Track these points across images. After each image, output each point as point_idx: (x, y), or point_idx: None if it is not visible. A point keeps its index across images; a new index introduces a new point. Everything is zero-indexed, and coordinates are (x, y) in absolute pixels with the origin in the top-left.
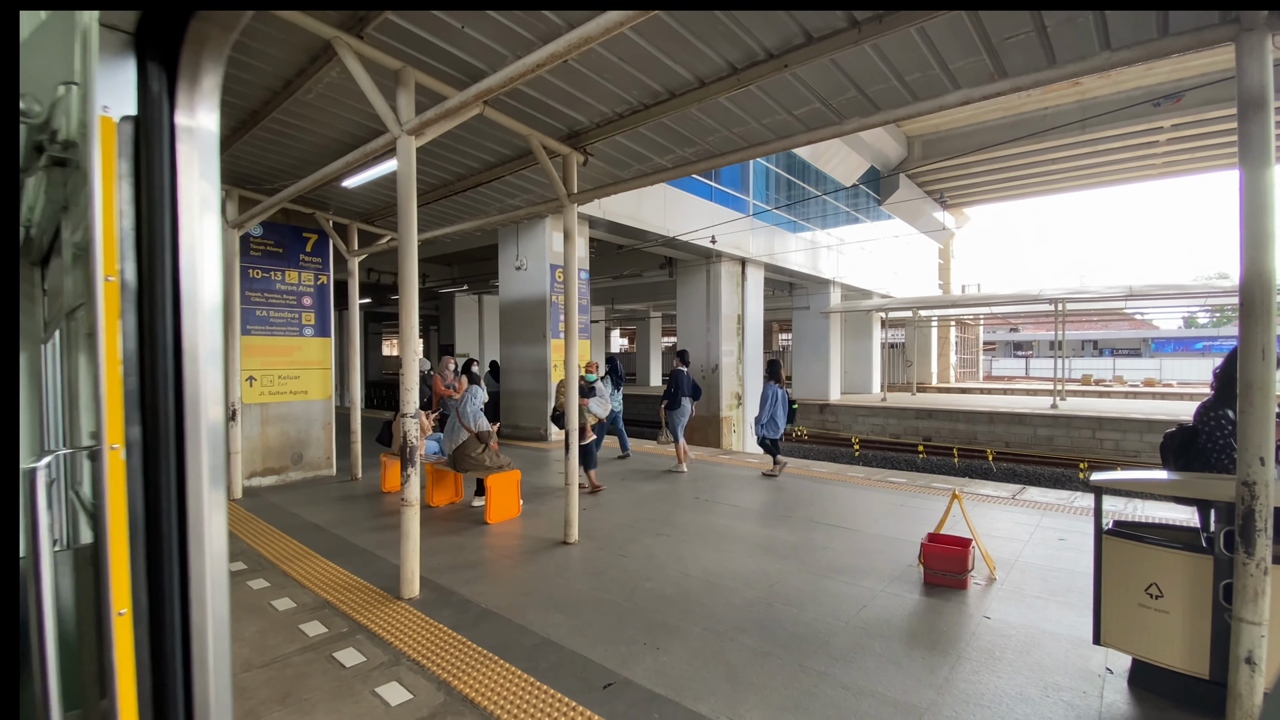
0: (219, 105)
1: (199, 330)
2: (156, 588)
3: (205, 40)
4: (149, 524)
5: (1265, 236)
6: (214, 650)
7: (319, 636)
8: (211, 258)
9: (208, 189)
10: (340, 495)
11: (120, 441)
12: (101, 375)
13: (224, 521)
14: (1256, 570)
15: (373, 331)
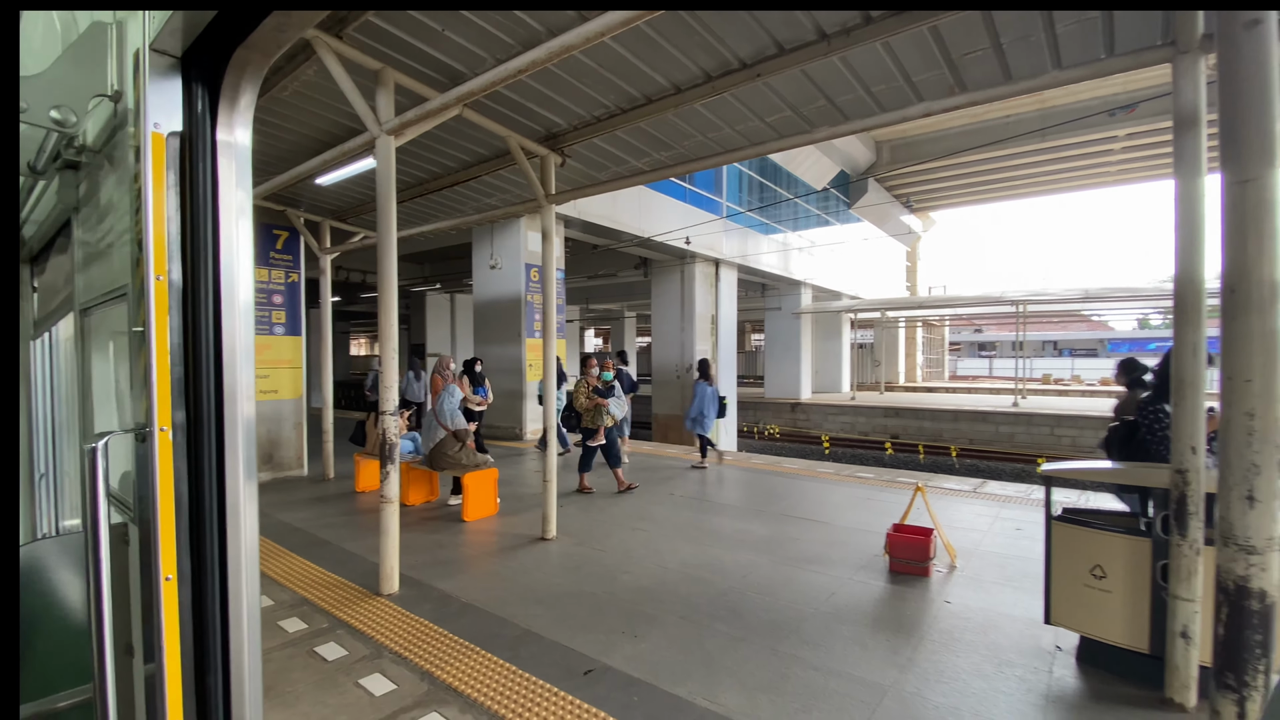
0: (252, 122)
1: (237, 327)
2: (199, 557)
3: (246, 65)
4: (192, 500)
5: (1197, 244)
6: (248, 614)
7: (299, 632)
8: (246, 260)
9: (243, 198)
10: (313, 495)
11: (169, 424)
12: (153, 365)
13: (255, 505)
14: (1189, 551)
15: (340, 330)
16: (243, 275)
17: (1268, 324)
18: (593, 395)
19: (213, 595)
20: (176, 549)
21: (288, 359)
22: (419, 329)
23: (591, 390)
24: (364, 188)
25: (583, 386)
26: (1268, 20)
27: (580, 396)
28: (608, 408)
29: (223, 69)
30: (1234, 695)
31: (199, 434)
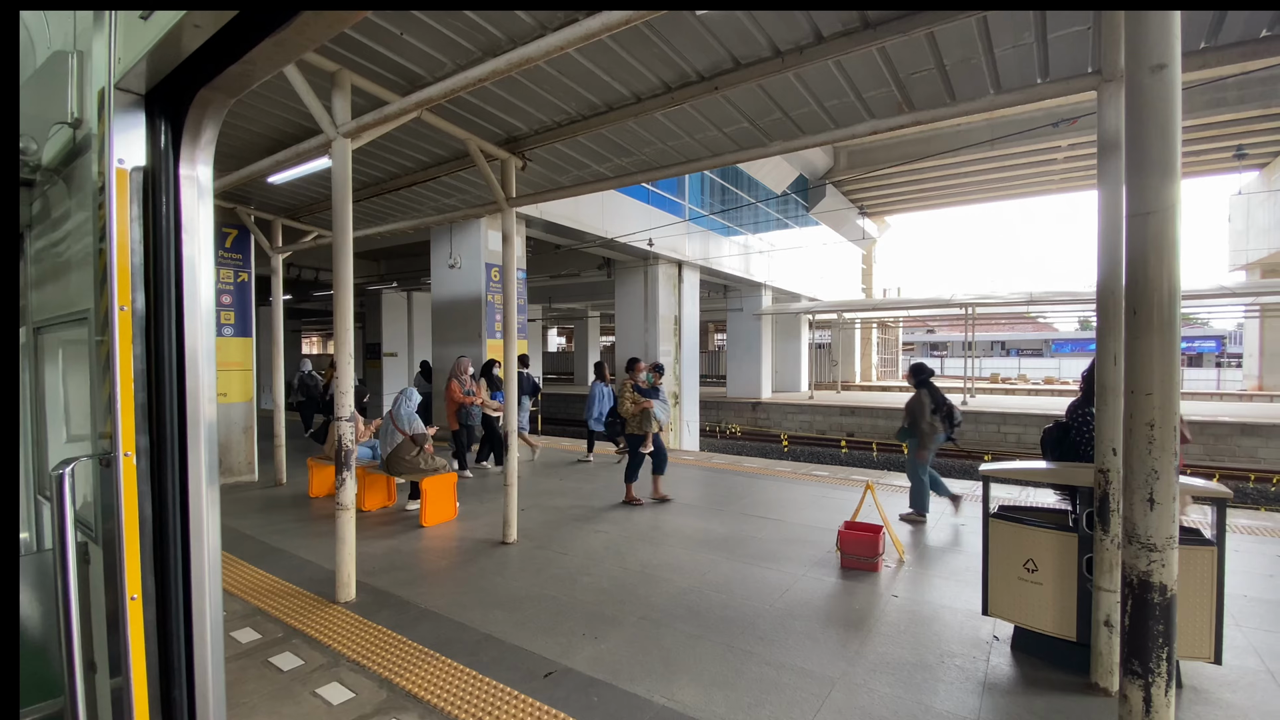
0: (214, 157)
1: (199, 353)
2: (163, 576)
3: (209, 104)
4: (156, 521)
5: (1117, 259)
6: (211, 629)
7: (252, 643)
8: (207, 289)
9: (205, 229)
10: (265, 501)
11: (133, 449)
12: (117, 391)
13: (218, 525)
14: (1111, 545)
15: (291, 329)
16: (204, 303)
17: (1166, 343)
18: (638, 399)
19: (177, 612)
20: (141, 569)
21: (237, 361)
22: (374, 328)
23: (634, 389)
24: (318, 186)
25: (628, 390)
26: (1172, 66)
27: (626, 401)
28: (653, 410)
29: (186, 106)
30: (1140, 681)
31: (163, 458)
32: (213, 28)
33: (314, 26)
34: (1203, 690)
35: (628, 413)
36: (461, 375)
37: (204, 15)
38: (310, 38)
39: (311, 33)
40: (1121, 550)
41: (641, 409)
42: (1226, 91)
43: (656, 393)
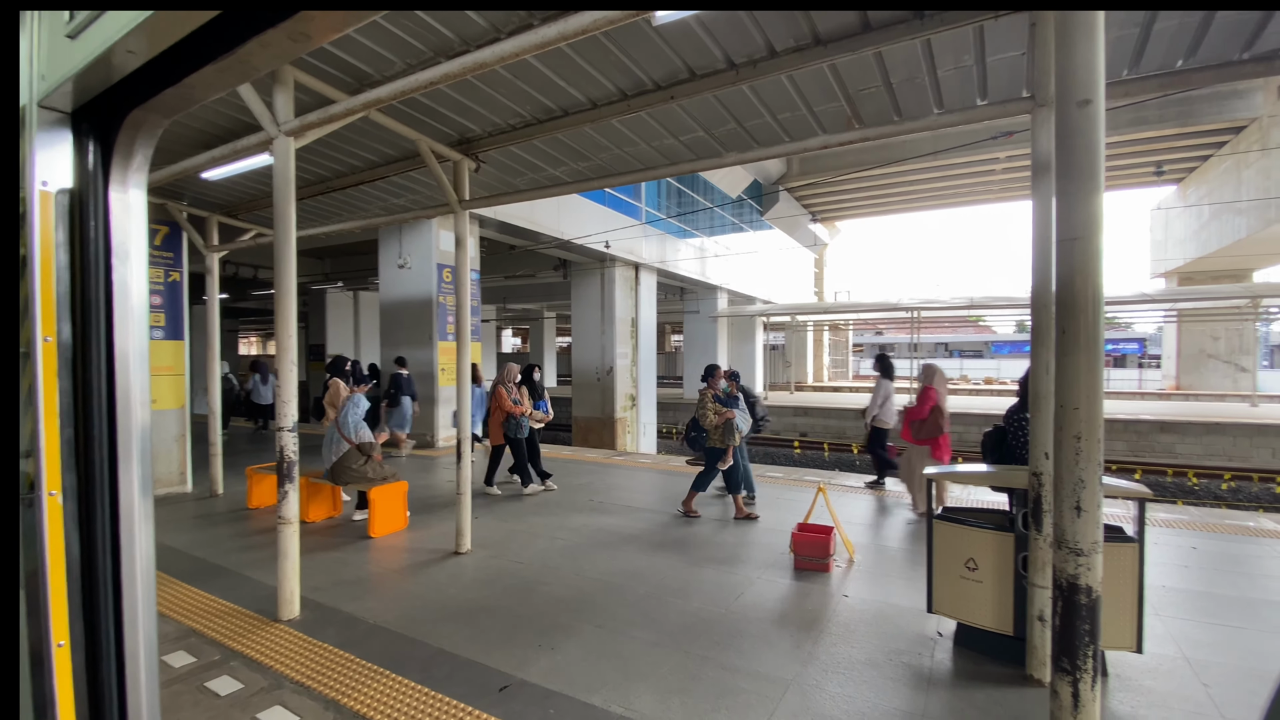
0: (146, 178)
1: (131, 385)
2: (92, 621)
3: (143, 124)
4: (84, 564)
5: (1047, 271)
6: (146, 675)
7: (186, 667)
8: (140, 316)
9: (138, 254)
10: (199, 514)
11: (58, 488)
12: (40, 428)
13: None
14: (1044, 544)
15: (227, 329)
16: (136, 332)
17: (1092, 361)
18: (720, 409)
19: (108, 658)
20: (69, 614)
21: (168, 365)
22: (318, 329)
23: (714, 399)
24: (257, 183)
25: (709, 400)
26: (1096, 101)
27: (709, 413)
28: (734, 421)
29: (117, 126)
30: (1069, 677)
31: (91, 496)
32: (148, 54)
33: (258, 56)
34: (1126, 678)
35: (710, 424)
36: (509, 382)
37: (139, 40)
38: (255, 65)
39: (257, 61)
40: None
41: (725, 420)
42: (1148, 111)
43: (735, 401)
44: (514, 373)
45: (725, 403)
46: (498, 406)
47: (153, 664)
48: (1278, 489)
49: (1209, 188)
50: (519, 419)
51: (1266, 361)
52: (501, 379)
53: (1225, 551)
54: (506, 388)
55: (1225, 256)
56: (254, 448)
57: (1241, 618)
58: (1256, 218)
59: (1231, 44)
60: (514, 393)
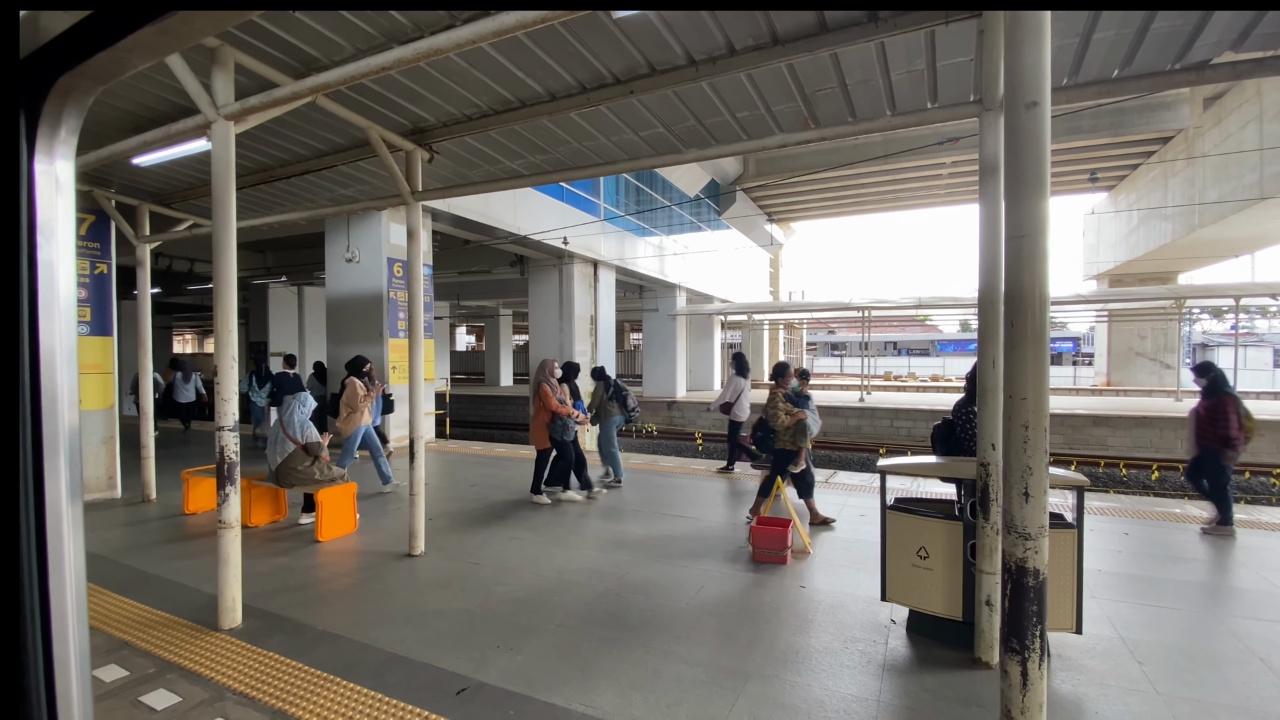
0: (75, 150)
1: (57, 375)
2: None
3: (71, 91)
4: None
5: (996, 271)
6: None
7: (118, 681)
8: (68, 304)
9: (66, 231)
10: (130, 520)
11: None
12: None
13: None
14: (991, 531)
15: (160, 325)
16: (64, 322)
17: (1039, 353)
18: (792, 410)
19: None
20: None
21: (95, 363)
22: (259, 326)
23: (785, 399)
24: (193, 170)
25: (779, 400)
26: (1043, 103)
27: (780, 413)
28: (806, 421)
29: (45, 92)
30: (1018, 656)
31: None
32: (80, 12)
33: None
34: (1067, 658)
35: (782, 425)
36: (550, 378)
37: None
38: (199, 27)
39: (201, 23)
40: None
41: (796, 421)
42: (1082, 120)
43: (807, 401)
44: (553, 368)
45: (796, 402)
46: (542, 407)
47: (85, 679)
48: (1154, 476)
49: (1138, 194)
50: (565, 420)
51: (1189, 359)
52: (544, 376)
53: (1154, 537)
54: (551, 385)
55: (1152, 260)
56: (187, 450)
57: (1170, 599)
58: (1181, 223)
59: (1164, 55)
60: (559, 391)
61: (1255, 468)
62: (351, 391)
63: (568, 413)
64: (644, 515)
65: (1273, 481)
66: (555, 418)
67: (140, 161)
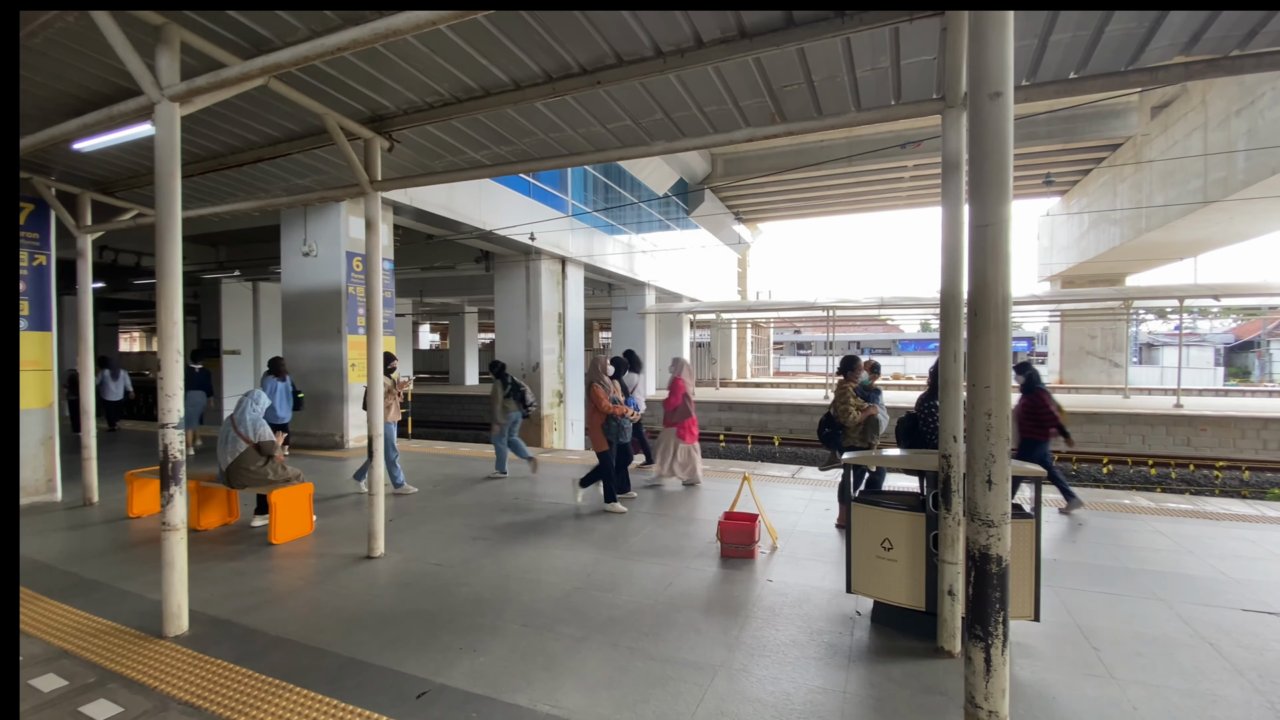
0: None
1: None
2: None
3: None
4: None
5: (958, 267)
6: None
7: (57, 691)
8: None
9: None
10: (70, 524)
11: None
12: None
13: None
14: (953, 522)
15: (106, 322)
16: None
17: (1001, 341)
18: (863, 405)
19: None
20: None
21: (34, 359)
22: (211, 322)
23: (856, 394)
24: (137, 156)
25: (850, 395)
26: (1006, 94)
27: (850, 408)
28: (876, 416)
29: None
30: (982, 643)
31: None
32: None
33: None
34: (1026, 645)
35: (853, 422)
36: (603, 375)
37: None
38: None
39: None
40: (964, 526)
41: (867, 416)
42: (1037, 126)
43: (877, 395)
44: (605, 364)
45: (867, 397)
46: (596, 408)
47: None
48: (1150, 472)
49: (1089, 199)
50: (620, 420)
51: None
52: (596, 375)
53: (1106, 527)
54: (604, 384)
55: (1103, 262)
56: (132, 451)
57: (1122, 585)
58: (1130, 227)
59: (1119, 56)
60: (612, 390)
61: (1200, 461)
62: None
63: (622, 412)
64: (610, 513)
65: (1216, 474)
66: (610, 418)
67: (81, 146)
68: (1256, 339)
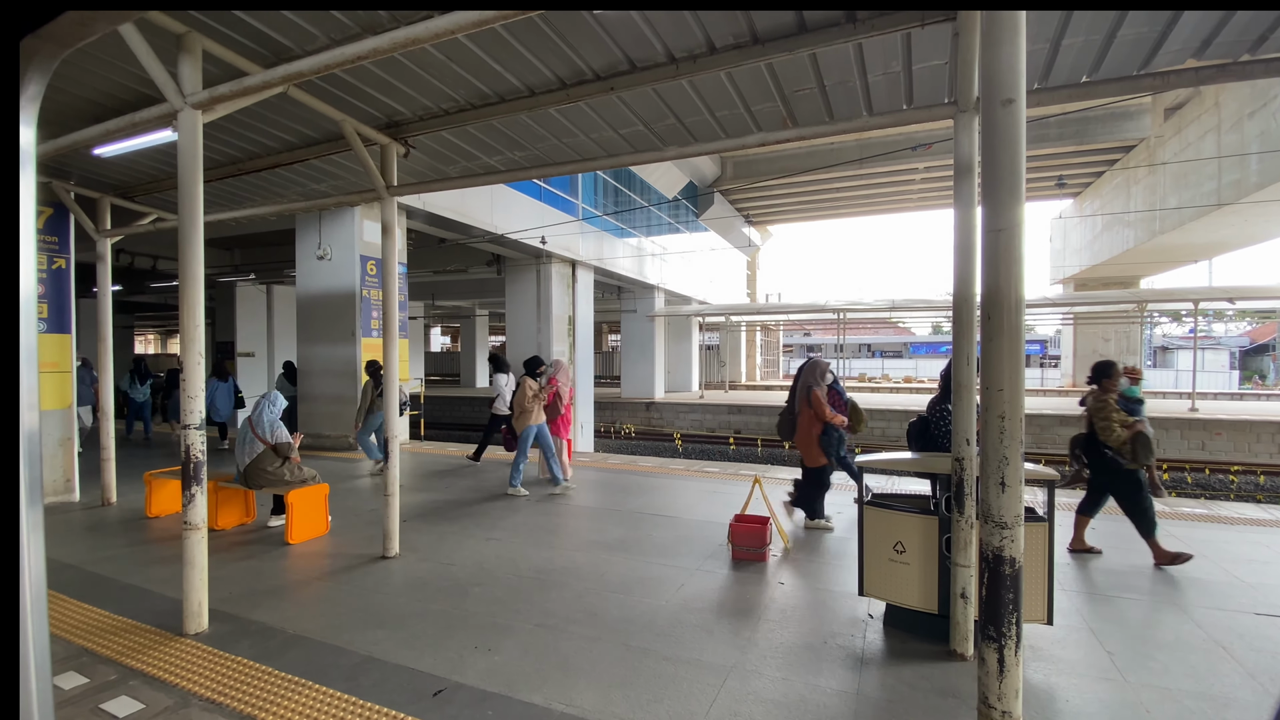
0: (37, 117)
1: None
2: None
3: (35, 56)
4: None
5: (971, 270)
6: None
7: (78, 689)
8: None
9: (28, 207)
10: (90, 524)
11: None
12: None
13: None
14: (966, 525)
15: (122, 325)
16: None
17: (1014, 345)
18: (1127, 419)
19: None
20: None
21: (52, 361)
22: (226, 324)
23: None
24: (157, 161)
25: (1112, 409)
26: (1019, 100)
27: (1113, 424)
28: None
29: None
30: (995, 644)
31: None
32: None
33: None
34: (1039, 649)
35: (1118, 440)
36: (823, 383)
37: None
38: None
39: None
40: (977, 529)
41: (1136, 433)
42: (1049, 129)
43: (1140, 406)
44: (827, 372)
45: (1130, 410)
46: (814, 416)
47: (46, 688)
48: (1164, 476)
49: (1102, 201)
50: (841, 432)
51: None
52: (814, 379)
53: (1117, 531)
54: (823, 391)
55: (1115, 265)
56: (147, 453)
57: (1136, 589)
58: (1143, 229)
59: (1130, 60)
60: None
61: (1215, 465)
62: (523, 391)
63: (842, 421)
64: (622, 515)
65: (1231, 479)
66: (829, 429)
67: (102, 152)
68: (1272, 342)
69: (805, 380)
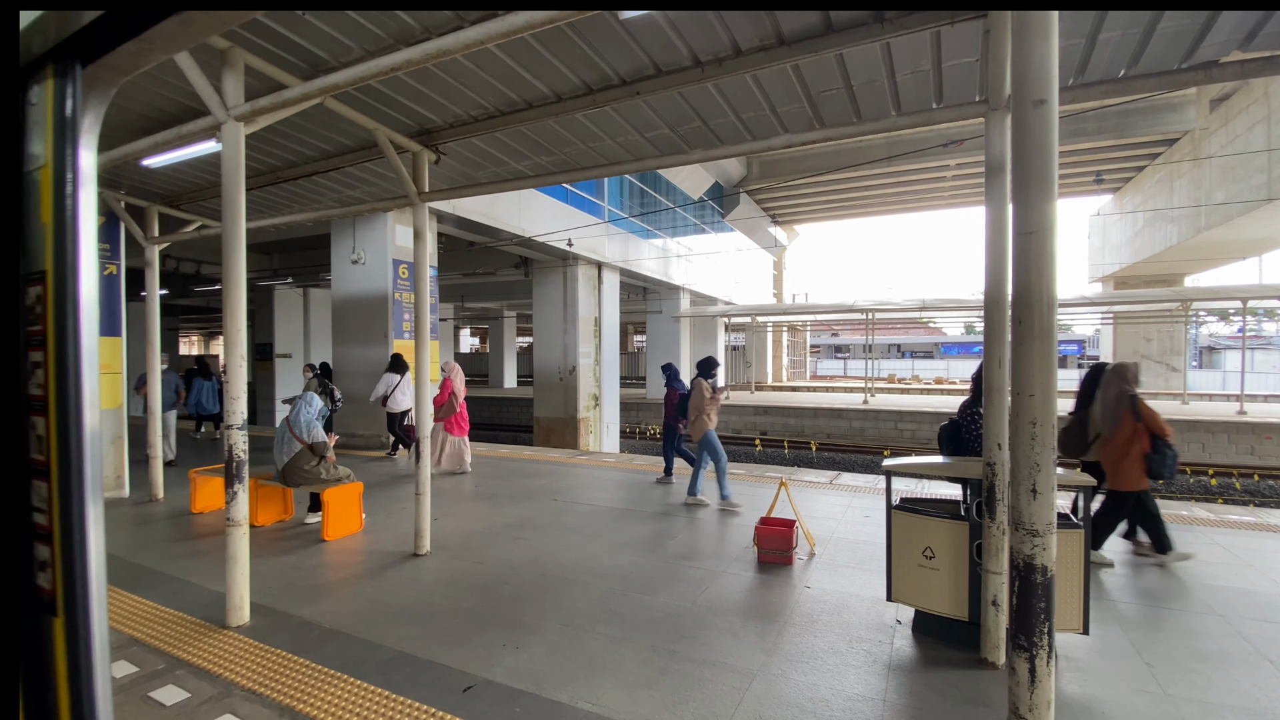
0: (97, 140)
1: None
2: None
3: (96, 84)
4: None
5: (1003, 271)
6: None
7: (128, 677)
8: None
9: (90, 226)
10: (138, 519)
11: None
12: None
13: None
14: (998, 531)
15: (167, 327)
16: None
17: (1046, 349)
18: None
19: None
20: None
21: (104, 363)
22: (265, 327)
23: None
24: (201, 171)
25: None
26: (1050, 101)
27: None
28: None
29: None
30: (1026, 654)
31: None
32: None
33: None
34: (1074, 659)
35: None
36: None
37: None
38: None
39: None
40: (1008, 536)
41: None
42: (1087, 123)
43: None
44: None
45: None
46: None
47: (105, 675)
48: (1211, 482)
49: (1143, 196)
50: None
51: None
52: (1127, 378)
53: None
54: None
55: (1158, 262)
56: (193, 452)
57: (1178, 599)
58: (1187, 225)
59: (1171, 54)
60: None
61: (1265, 471)
62: (699, 394)
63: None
64: (647, 516)
65: None
66: (1158, 444)
67: (150, 163)
68: None
69: (1118, 387)
